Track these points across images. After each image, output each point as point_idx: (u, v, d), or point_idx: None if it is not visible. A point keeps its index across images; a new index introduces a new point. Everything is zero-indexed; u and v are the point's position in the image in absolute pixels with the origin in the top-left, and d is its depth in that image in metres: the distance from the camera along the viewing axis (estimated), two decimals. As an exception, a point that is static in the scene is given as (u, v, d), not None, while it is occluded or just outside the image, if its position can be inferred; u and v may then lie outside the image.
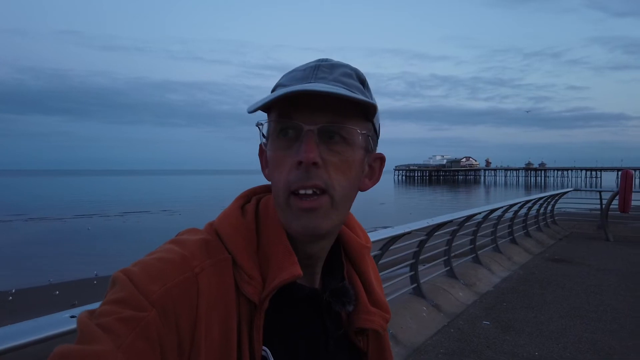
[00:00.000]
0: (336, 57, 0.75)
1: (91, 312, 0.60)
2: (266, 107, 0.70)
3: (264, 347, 0.67)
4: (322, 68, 0.71)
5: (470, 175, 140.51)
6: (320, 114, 0.67)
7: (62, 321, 1.33)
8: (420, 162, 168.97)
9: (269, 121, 0.71)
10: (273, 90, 0.73)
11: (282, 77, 0.74)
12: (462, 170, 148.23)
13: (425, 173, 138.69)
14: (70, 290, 9.48)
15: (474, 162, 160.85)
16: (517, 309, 5.59)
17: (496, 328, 4.95)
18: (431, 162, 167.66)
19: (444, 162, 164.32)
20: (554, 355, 4.26)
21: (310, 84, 0.67)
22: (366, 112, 0.71)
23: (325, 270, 0.80)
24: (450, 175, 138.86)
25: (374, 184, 0.78)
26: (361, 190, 0.76)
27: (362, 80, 0.73)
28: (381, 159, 0.78)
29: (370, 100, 0.67)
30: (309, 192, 0.67)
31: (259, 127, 0.71)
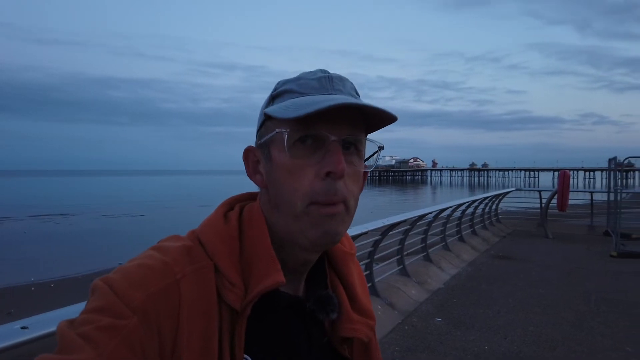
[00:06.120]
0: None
1: (71, 322, 0.59)
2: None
3: (245, 355, 0.66)
4: (335, 80, 0.72)
5: (418, 175, 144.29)
6: (341, 126, 0.68)
7: (12, 332, 1.23)
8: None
9: (286, 129, 0.68)
10: (277, 96, 0.73)
11: (288, 83, 0.73)
12: (410, 170, 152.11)
13: (375, 173, 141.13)
14: (5, 298, 8.90)
15: (421, 163, 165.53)
16: (467, 305, 5.79)
17: (448, 324, 5.10)
18: (380, 162, 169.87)
19: (393, 162, 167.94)
20: (502, 349, 4.44)
21: (353, 98, 0.70)
22: (372, 126, 0.73)
23: (308, 278, 0.80)
24: (399, 176, 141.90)
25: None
26: None
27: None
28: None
29: (396, 118, 0.70)
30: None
31: (282, 134, 0.68)
